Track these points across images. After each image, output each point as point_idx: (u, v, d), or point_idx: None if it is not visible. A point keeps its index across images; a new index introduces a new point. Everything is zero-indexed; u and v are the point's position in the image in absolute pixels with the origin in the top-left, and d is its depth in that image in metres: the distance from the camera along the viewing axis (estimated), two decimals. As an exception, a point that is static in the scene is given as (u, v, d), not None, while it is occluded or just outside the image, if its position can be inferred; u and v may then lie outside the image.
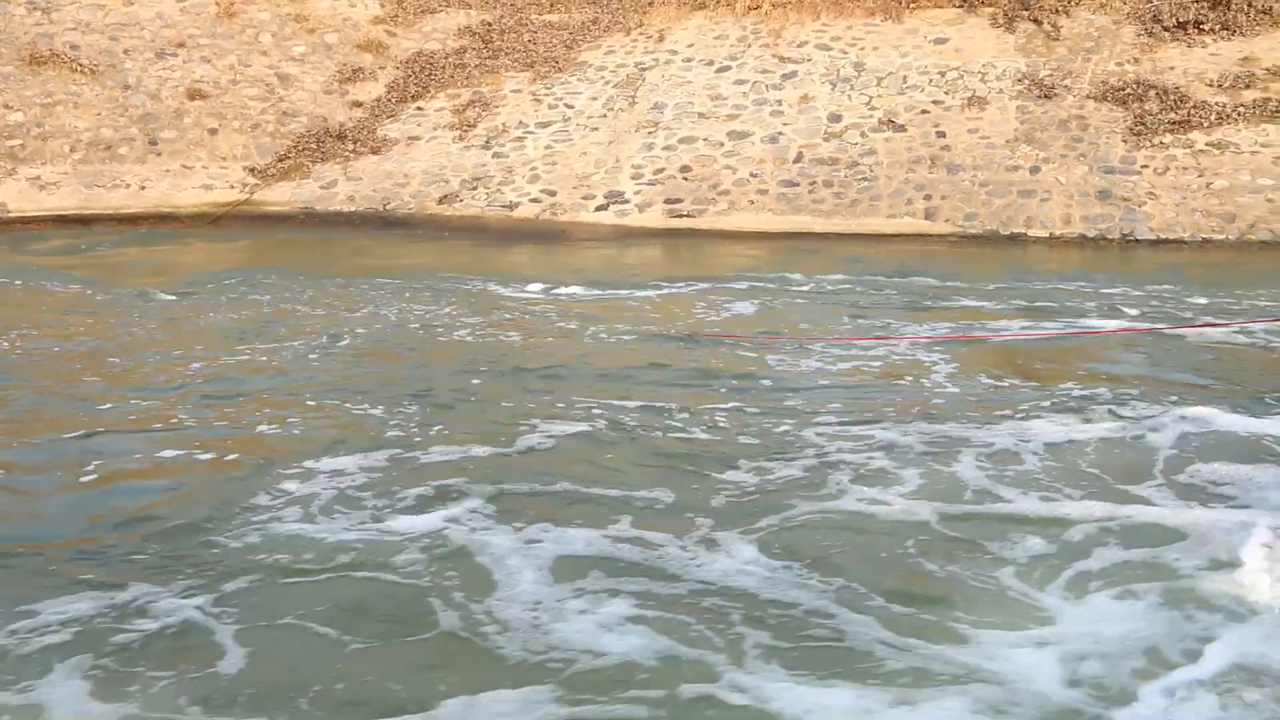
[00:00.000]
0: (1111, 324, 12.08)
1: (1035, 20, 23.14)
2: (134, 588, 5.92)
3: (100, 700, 5.00)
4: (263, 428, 8.48)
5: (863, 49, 23.39)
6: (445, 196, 21.99)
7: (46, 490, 7.34)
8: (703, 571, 6.04)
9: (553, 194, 21.59)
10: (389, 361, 10.63)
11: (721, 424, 8.43)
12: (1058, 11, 23.17)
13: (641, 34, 25.36)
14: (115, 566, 6.19)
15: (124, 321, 12.50)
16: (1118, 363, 10.37)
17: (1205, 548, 6.11)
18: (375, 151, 23.46)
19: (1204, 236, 18.23)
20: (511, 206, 21.54)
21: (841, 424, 8.38)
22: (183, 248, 19.19)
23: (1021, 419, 8.39)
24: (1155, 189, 19.13)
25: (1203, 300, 13.35)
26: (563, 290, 14.42)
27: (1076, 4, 23.27)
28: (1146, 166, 19.53)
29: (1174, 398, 8.88)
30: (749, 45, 24.14)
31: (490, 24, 26.72)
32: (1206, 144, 19.57)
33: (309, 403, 9.09)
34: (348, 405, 9.02)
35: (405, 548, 6.37)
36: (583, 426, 8.40)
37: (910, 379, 9.79)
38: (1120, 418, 8.37)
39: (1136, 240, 18.35)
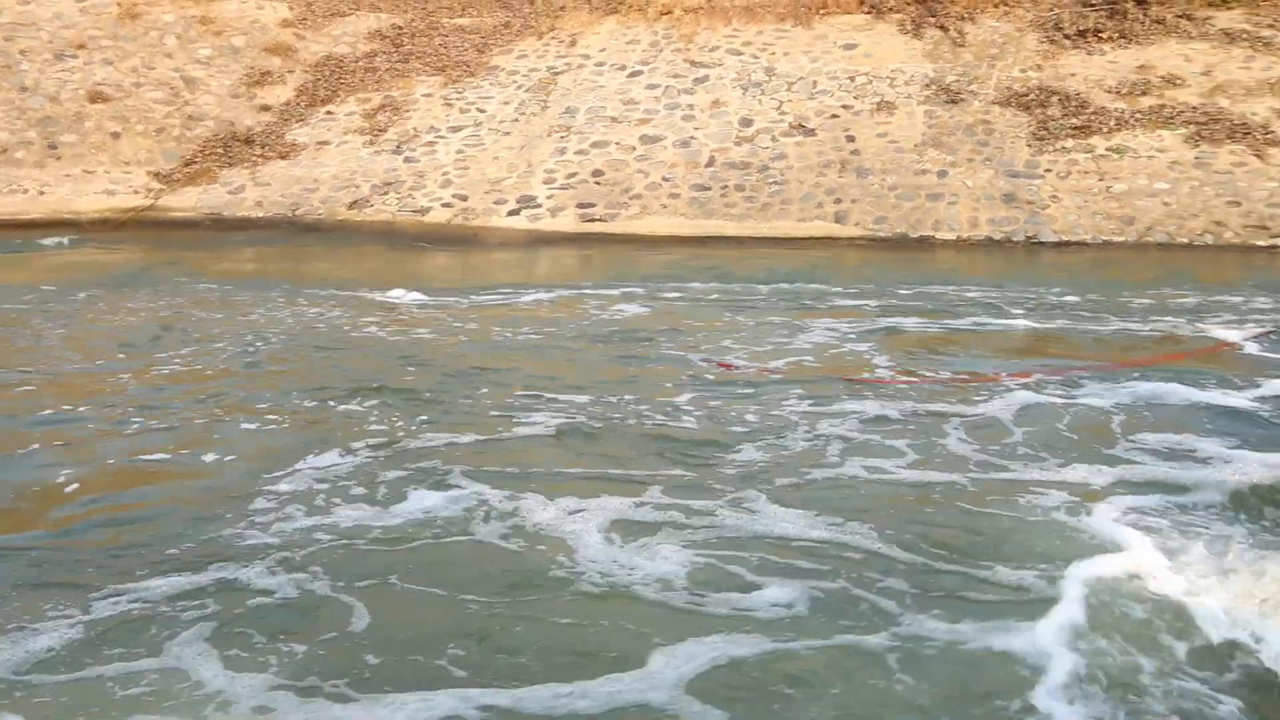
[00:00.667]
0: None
1: (942, 27, 23.53)
2: (220, 568, 5.97)
3: (237, 669, 5.05)
4: (245, 426, 8.41)
5: (773, 54, 23.60)
6: (356, 202, 21.75)
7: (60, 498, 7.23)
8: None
9: (465, 199, 21.46)
10: (316, 363, 10.48)
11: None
12: (963, 19, 23.59)
13: (554, 38, 25.34)
14: (181, 551, 6.22)
15: (19, 331, 12.15)
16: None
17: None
18: (284, 156, 23.14)
19: (1105, 238, 18.63)
20: (423, 211, 21.37)
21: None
22: (83, 253, 18.72)
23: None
24: (1058, 192, 19.52)
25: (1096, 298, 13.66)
26: (465, 298, 14.35)
27: (981, 11, 23.71)
28: (1050, 170, 19.93)
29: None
30: (661, 50, 24.23)
31: (401, 28, 26.51)
32: (1106, 149, 20.03)
33: (267, 405, 8.94)
34: (330, 403, 8.97)
35: (470, 518, 6.65)
36: (561, 419, 8.50)
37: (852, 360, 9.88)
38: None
39: (1040, 242, 18.69)
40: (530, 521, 6.56)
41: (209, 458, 7.77)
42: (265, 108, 24.35)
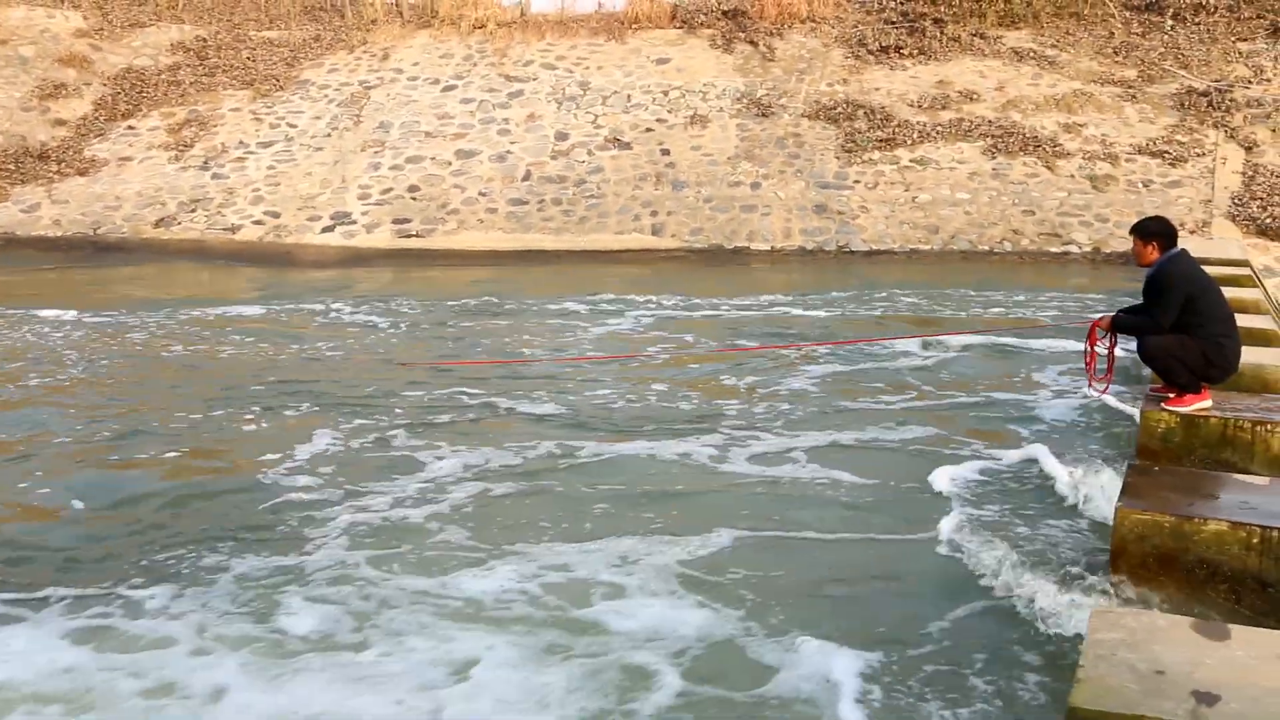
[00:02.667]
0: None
1: (751, 42, 24.05)
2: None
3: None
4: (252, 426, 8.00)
5: (588, 68, 23.73)
6: (162, 220, 20.99)
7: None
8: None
9: (277, 215, 20.93)
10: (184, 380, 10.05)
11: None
12: (772, 34, 24.16)
13: (366, 52, 24.95)
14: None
15: None
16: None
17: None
18: (83, 173, 22.18)
19: (912, 247, 19.30)
20: (234, 229, 20.75)
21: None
22: None
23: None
24: (867, 203, 20.15)
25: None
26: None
27: (789, 27, 24.33)
28: (858, 182, 20.56)
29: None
30: (475, 64, 24.11)
31: (205, 40, 25.71)
32: (911, 160, 20.77)
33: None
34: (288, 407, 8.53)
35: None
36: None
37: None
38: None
39: (852, 252, 19.26)
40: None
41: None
42: (60, 122, 23.29)
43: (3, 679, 5.03)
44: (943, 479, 7.57)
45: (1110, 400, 8.99)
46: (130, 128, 23.25)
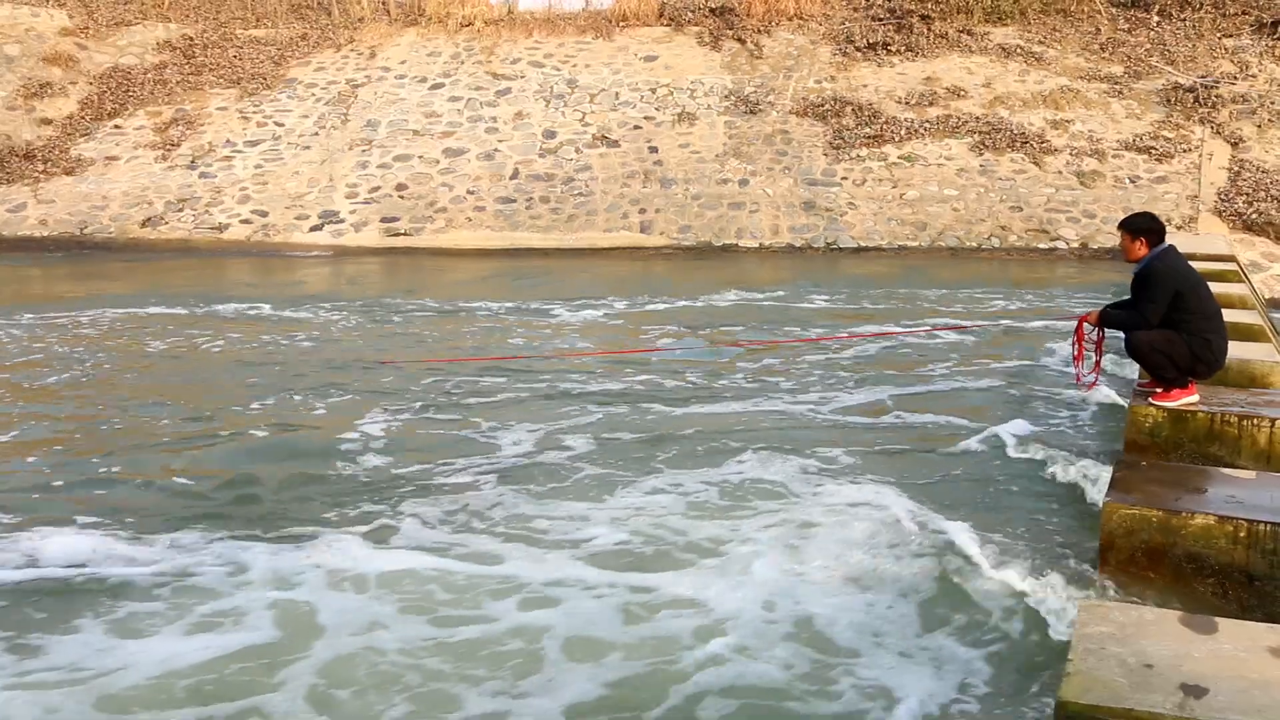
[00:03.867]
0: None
1: (739, 39, 24.05)
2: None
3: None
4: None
5: (575, 66, 23.71)
6: (149, 219, 20.92)
7: None
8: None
9: (265, 215, 20.88)
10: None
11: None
12: (760, 31, 24.16)
13: (353, 50, 24.89)
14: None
15: None
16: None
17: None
18: (69, 172, 22.09)
19: (900, 244, 19.34)
20: (221, 228, 20.70)
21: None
22: None
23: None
24: (855, 199, 20.18)
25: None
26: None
27: (777, 24, 24.33)
28: (846, 178, 20.58)
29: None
30: (462, 62, 24.07)
31: (192, 38, 25.61)
32: (898, 157, 20.80)
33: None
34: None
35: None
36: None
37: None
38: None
39: (840, 248, 19.29)
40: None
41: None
42: (46, 121, 23.19)
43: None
44: (929, 472, 7.59)
45: (1099, 394, 9.03)
46: (117, 127, 23.16)
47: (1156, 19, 23.46)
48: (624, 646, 5.31)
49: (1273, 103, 20.80)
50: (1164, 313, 6.78)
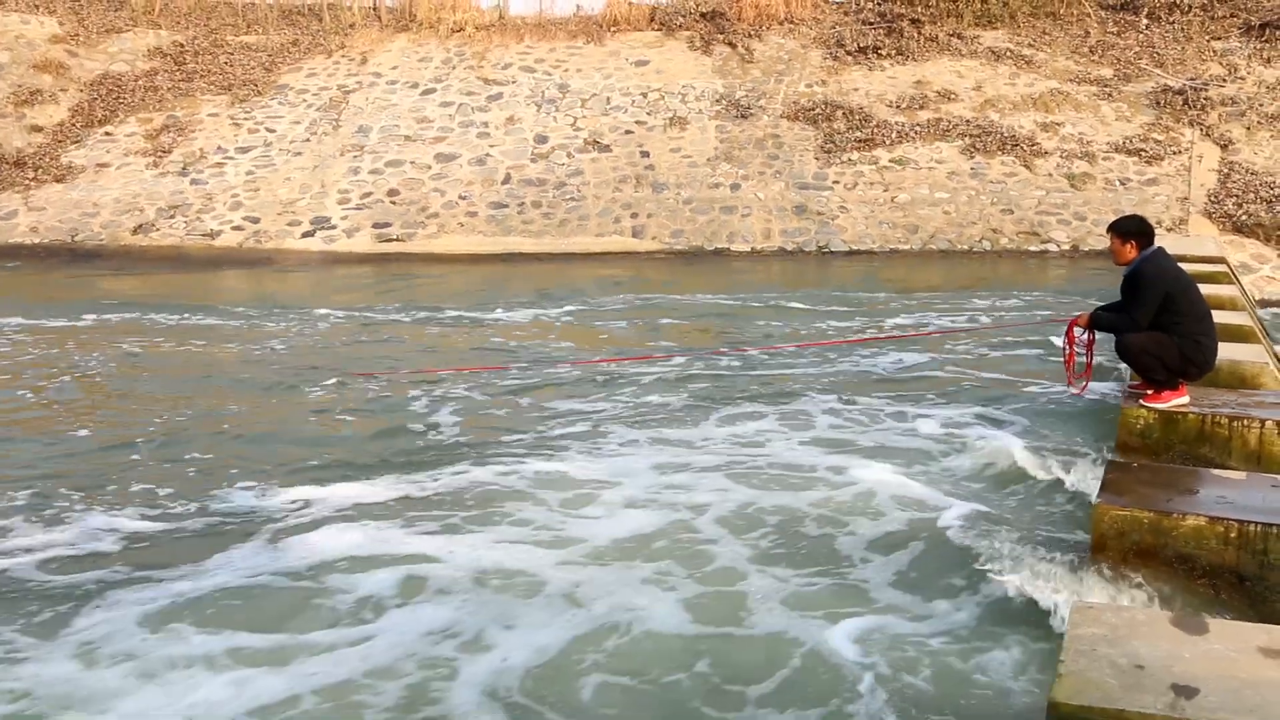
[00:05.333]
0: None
1: (730, 44, 24.09)
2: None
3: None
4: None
5: (566, 71, 23.74)
6: (140, 226, 20.89)
7: None
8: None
9: (256, 221, 20.86)
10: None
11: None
12: (750, 35, 24.21)
13: (344, 56, 24.89)
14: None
15: None
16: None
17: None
18: (60, 180, 22.06)
19: (891, 247, 19.37)
20: (213, 235, 20.68)
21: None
22: None
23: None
24: (846, 203, 20.22)
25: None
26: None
27: (767, 29, 24.38)
28: (838, 182, 20.62)
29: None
30: (454, 67, 24.09)
31: (183, 45, 25.59)
32: (890, 160, 20.85)
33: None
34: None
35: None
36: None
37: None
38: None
39: (831, 252, 19.31)
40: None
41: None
42: (37, 128, 23.16)
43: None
44: (916, 473, 7.61)
45: (1090, 396, 9.05)
46: (108, 134, 23.14)
47: (1145, 22, 23.55)
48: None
49: (1261, 105, 20.89)
50: (1154, 315, 6.80)
